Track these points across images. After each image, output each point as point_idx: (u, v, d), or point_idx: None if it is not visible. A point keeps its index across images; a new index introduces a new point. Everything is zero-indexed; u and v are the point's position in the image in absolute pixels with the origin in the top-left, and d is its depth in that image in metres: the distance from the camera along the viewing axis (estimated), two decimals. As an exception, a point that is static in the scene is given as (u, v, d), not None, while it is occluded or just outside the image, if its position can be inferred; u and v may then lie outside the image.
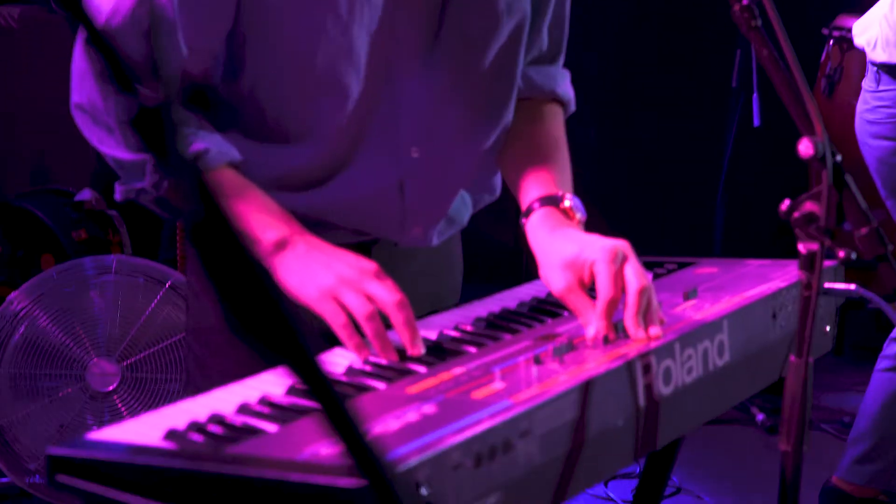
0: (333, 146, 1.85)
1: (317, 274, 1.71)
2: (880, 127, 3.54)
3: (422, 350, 1.68)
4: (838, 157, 1.62)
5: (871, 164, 3.61)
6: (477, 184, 2.08)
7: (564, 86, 2.10)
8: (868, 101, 3.61)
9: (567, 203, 1.90)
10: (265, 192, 1.81)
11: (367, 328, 1.67)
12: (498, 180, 2.13)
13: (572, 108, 2.12)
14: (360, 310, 1.67)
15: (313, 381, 0.86)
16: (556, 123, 2.07)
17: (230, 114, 1.87)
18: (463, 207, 2.07)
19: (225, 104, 1.87)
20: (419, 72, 1.86)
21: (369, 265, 1.73)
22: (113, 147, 1.80)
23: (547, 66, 2.09)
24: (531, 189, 1.94)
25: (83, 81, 1.81)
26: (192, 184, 0.72)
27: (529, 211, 1.91)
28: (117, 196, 1.84)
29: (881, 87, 3.56)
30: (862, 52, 4.85)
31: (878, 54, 3.54)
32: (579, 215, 1.90)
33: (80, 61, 1.83)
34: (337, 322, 1.68)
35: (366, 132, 1.86)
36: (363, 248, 1.92)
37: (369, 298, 1.69)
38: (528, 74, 2.05)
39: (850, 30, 4.89)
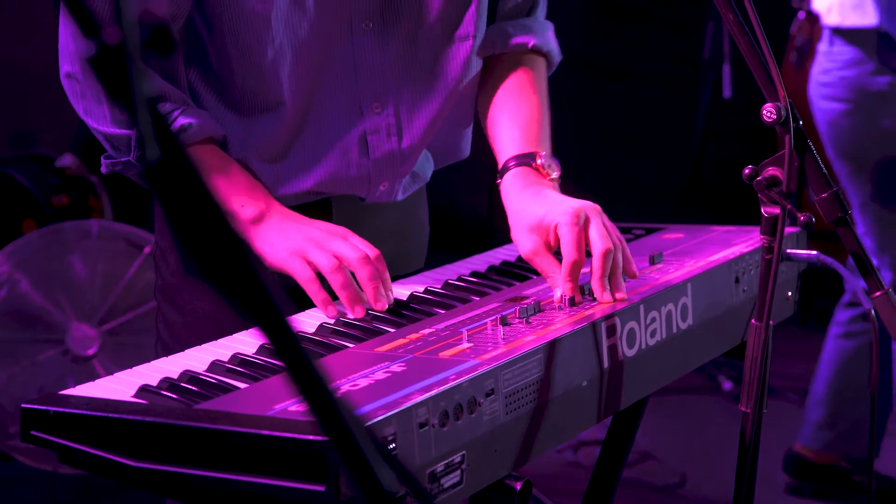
0: (295, 104, 1.87)
1: (288, 237, 1.76)
2: (831, 89, 3.57)
3: (385, 306, 1.72)
4: (800, 123, 1.65)
5: (821, 128, 3.64)
6: (441, 141, 2.07)
7: (544, 37, 2.08)
8: (821, 63, 3.64)
9: (539, 161, 1.91)
10: (244, 169, 1.85)
11: (333, 281, 1.72)
12: (466, 142, 2.14)
13: (556, 57, 2.10)
14: (325, 263, 1.72)
15: (281, 339, 0.87)
16: (534, 75, 2.05)
17: (204, 89, 1.89)
18: (426, 163, 2.09)
19: (201, 79, 1.89)
20: (374, 26, 1.87)
21: (339, 228, 1.78)
22: (99, 120, 1.82)
23: (523, 18, 2.07)
24: (506, 148, 1.96)
25: (79, 48, 1.81)
26: (158, 134, 0.74)
27: (504, 170, 1.93)
28: (103, 169, 1.87)
29: (834, 49, 3.59)
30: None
31: (832, 17, 3.57)
32: (553, 173, 1.91)
33: (69, 28, 1.82)
34: (303, 277, 1.73)
35: (324, 88, 1.88)
36: (323, 204, 1.95)
37: (335, 257, 1.73)
38: (504, 28, 2.04)
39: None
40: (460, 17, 1.94)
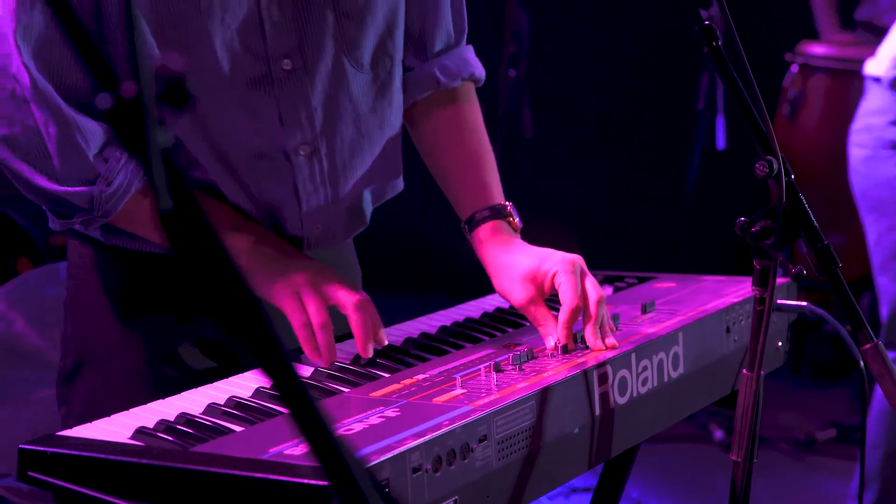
0: (211, 151, 1.82)
1: (284, 269, 1.76)
2: (857, 135, 3.58)
3: (370, 354, 1.73)
4: (792, 176, 1.68)
5: (849, 174, 3.64)
6: (377, 183, 2.02)
7: (477, 64, 2.08)
8: (857, 113, 3.66)
9: (510, 214, 1.93)
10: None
11: (319, 337, 1.72)
12: (400, 177, 2.07)
13: (482, 79, 2.09)
14: (316, 318, 1.72)
15: (284, 382, 0.89)
16: (472, 109, 2.06)
17: None
18: (367, 205, 2.03)
19: None
20: (295, 66, 1.82)
21: (329, 270, 1.79)
22: (45, 180, 1.73)
23: (455, 49, 2.06)
24: (468, 197, 1.97)
25: (17, 108, 1.71)
26: (170, 183, 0.75)
27: (473, 222, 1.94)
28: (56, 227, 1.80)
29: (866, 97, 3.61)
30: (823, 78, 4.90)
31: (868, 66, 3.60)
32: (517, 220, 1.93)
33: (9, 85, 1.70)
34: (297, 322, 1.73)
35: (246, 133, 1.82)
36: None
37: (329, 299, 1.74)
38: (443, 63, 2.02)
39: (812, 56, 4.96)
40: (384, 53, 1.92)
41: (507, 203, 1.95)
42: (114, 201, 1.74)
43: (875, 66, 3.58)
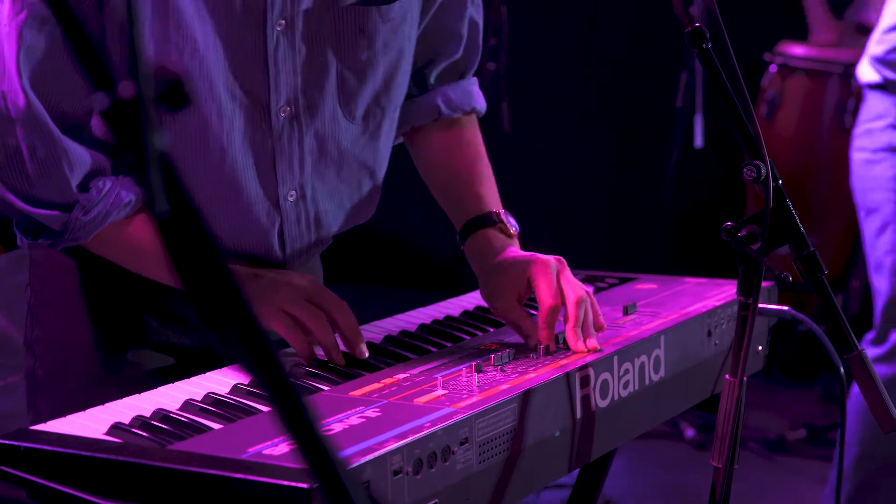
0: (213, 188, 1.82)
1: (264, 291, 1.74)
2: (859, 140, 3.57)
3: (366, 353, 1.72)
4: (779, 181, 1.67)
5: (851, 181, 3.63)
6: (354, 224, 2.04)
7: (479, 98, 2.11)
8: (858, 120, 3.65)
9: (502, 220, 1.94)
10: None
11: (321, 338, 1.70)
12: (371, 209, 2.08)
13: (483, 112, 2.12)
14: (313, 320, 1.71)
15: (273, 379, 0.87)
16: (473, 132, 2.09)
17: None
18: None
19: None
20: (298, 114, 1.84)
21: (309, 277, 1.78)
22: (17, 199, 1.73)
23: (460, 82, 2.09)
24: (463, 209, 1.98)
25: (2, 126, 1.69)
26: (163, 180, 0.74)
27: (466, 232, 1.95)
28: (22, 244, 1.79)
29: (866, 103, 3.60)
30: (802, 79, 4.89)
31: (861, 73, 3.59)
32: (513, 229, 1.94)
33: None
34: (293, 337, 1.70)
35: (242, 173, 1.83)
36: None
37: (317, 307, 1.72)
38: (447, 94, 2.05)
39: (791, 56, 4.96)
40: (376, 107, 1.93)
41: (499, 211, 1.95)
42: (88, 229, 1.74)
43: (866, 72, 3.58)
